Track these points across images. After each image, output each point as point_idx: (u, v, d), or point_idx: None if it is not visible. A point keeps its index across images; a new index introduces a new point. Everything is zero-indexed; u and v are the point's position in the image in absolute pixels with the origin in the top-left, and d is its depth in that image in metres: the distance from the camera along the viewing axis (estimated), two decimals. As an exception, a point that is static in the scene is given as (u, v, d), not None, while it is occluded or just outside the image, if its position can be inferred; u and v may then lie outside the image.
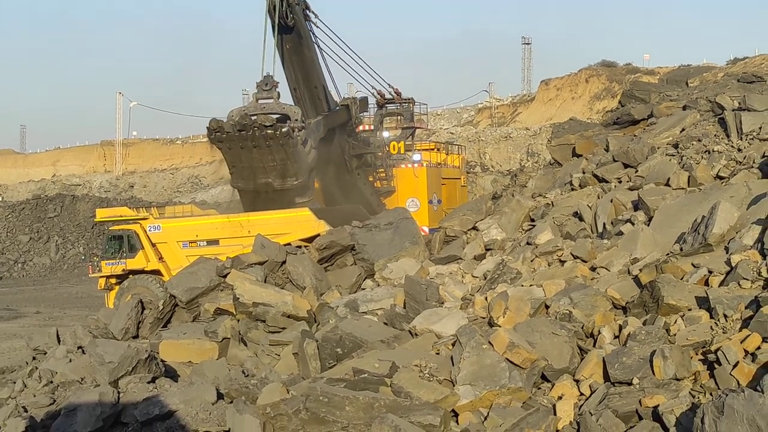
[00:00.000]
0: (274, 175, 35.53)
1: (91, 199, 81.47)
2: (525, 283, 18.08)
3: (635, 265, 16.73)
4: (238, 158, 35.40)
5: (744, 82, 29.16)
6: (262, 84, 36.14)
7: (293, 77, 39.60)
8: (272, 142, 34.31)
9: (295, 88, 39.80)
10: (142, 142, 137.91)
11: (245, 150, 34.81)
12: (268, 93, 36.11)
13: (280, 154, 34.70)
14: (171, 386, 16.40)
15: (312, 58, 40.26)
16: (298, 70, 39.47)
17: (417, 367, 14.20)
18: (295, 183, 35.73)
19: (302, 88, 39.90)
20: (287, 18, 37.30)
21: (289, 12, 37.52)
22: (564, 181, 25.51)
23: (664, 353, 12.47)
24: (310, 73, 40.13)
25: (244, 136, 34.32)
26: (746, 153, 20.17)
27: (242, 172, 35.89)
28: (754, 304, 13.10)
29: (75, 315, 40.85)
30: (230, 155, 35.55)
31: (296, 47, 38.90)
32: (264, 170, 35.40)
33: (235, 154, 35.31)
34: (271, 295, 22.02)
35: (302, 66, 39.57)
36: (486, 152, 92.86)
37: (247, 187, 36.80)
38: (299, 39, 38.82)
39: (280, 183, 35.58)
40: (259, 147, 34.56)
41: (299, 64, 39.40)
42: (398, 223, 27.76)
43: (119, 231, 37.91)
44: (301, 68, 39.57)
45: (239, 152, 35.07)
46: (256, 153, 34.79)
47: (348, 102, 44.60)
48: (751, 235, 15.27)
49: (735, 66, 72.68)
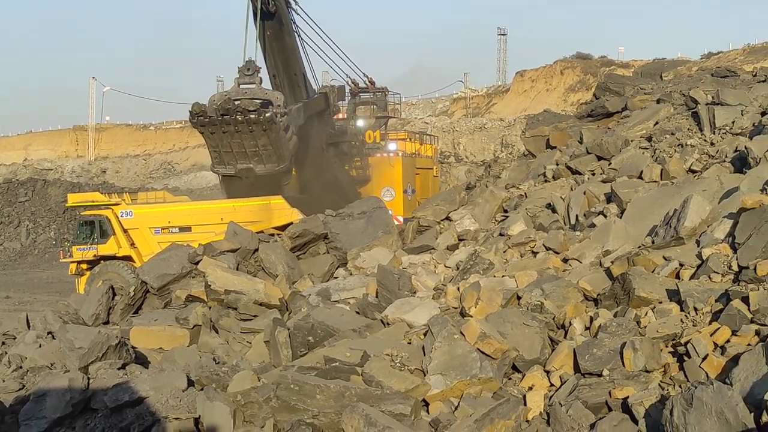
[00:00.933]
0: (255, 161, 35.40)
1: (62, 184, 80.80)
2: (497, 273, 18.11)
3: (607, 258, 16.80)
4: (220, 143, 35.24)
5: (718, 76, 29.30)
6: (244, 69, 35.96)
7: (273, 64, 39.45)
8: (255, 128, 34.19)
9: (274, 74, 39.65)
10: (115, 128, 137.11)
11: (227, 135, 34.67)
12: (250, 78, 35.94)
13: (262, 139, 34.58)
14: (141, 373, 16.35)
15: (293, 45, 40.16)
16: (278, 56, 39.34)
17: (388, 356, 14.19)
18: (276, 169, 35.62)
19: (282, 75, 39.77)
20: (269, 4, 37.17)
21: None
22: (537, 173, 25.59)
23: (635, 345, 12.53)
24: (290, 60, 40.02)
25: (227, 121, 34.17)
26: (719, 147, 20.27)
27: (223, 157, 35.73)
28: (724, 297, 13.18)
29: (45, 300, 40.55)
30: (212, 140, 35.38)
31: (277, 34, 38.76)
32: (245, 155, 35.26)
33: (217, 139, 35.14)
34: (243, 282, 21.96)
35: (283, 53, 39.45)
36: (460, 143, 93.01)
37: (227, 173, 36.63)
38: (280, 26, 38.70)
39: (262, 168, 35.46)
40: (241, 132, 34.44)
41: (280, 50, 39.28)
42: (372, 212, 27.78)
43: (91, 216, 37.71)
44: (282, 55, 39.45)
45: (221, 137, 34.91)
46: (238, 138, 34.66)
47: (326, 90, 44.56)
48: (723, 229, 15.35)
49: (709, 60, 73.21)
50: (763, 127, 19.95)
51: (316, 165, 41.44)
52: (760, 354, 10.88)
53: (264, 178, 35.86)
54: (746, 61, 66.46)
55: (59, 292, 42.73)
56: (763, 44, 79.21)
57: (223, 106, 34.05)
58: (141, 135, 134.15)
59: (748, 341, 11.95)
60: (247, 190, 36.09)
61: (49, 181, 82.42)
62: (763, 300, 12.28)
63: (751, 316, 12.27)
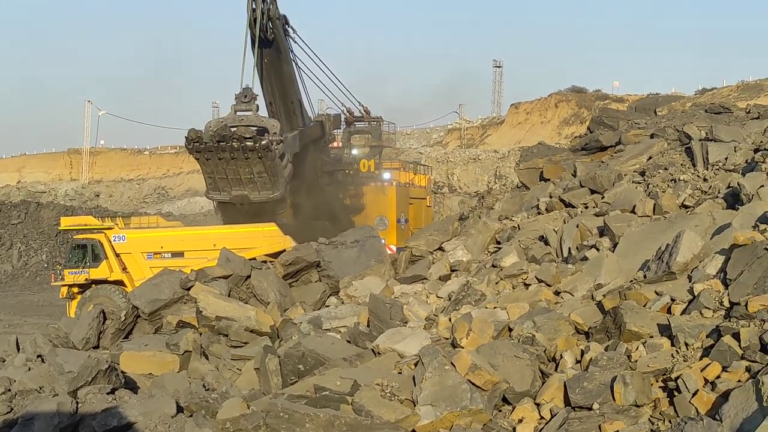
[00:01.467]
0: (250, 188, 35.41)
1: (56, 207, 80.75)
2: (489, 305, 18.12)
3: (599, 291, 16.81)
4: (215, 169, 35.24)
5: (711, 112, 29.45)
6: (241, 96, 36.01)
7: (270, 91, 39.53)
8: (251, 155, 34.21)
9: (271, 102, 39.72)
10: (110, 152, 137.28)
11: (223, 161, 34.70)
12: (247, 105, 36.00)
13: (258, 166, 34.60)
14: (130, 398, 16.27)
15: (290, 72, 40.27)
16: (275, 84, 39.43)
17: (379, 385, 14.16)
18: (271, 196, 35.62)
19: (278, 103, 39.84)
20: (267, 32, 37.30)
21: (270, 26, 37.53)
22: (531, 205, 25.64)
23: (625, 379, 12.52)
24: (287, 88, 40.12)
25: (223, 147, 34.19)
26: (712, 183, 20.35)
27: (218, 183, 35.74)
28: (715, 333, 13.19)
29: (36, 323, 40.46)
30: (207, 166, 35.39)
31: (275, 61, 38.88)
32: (240, 182, 35.27)
33: (212, 165, 35.15)
34: (235, 309, 21.94)
35: (280, 80, 39.55)
36: (454, 173, 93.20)
37: (222, 199, 36.63)
38: (278, 53, 38.82)
39: (257, 196, 35.46)
40: (237, 159, 34.45)
41: (277, 78, 39.37)
42: (364, 241, 27.77)
43: (83, 240, 37.68)
44: (279, 82, 39.54)
45: (216, 163, 34.93)
46: (233, 165, 34.68)
47: (322, 118, 44.67)
48: (714, 265, 15.38)
49: (703, 96, 73.57)
50: (755, 164, 20.02)
51: (311, 193, 41.50)
52: (750, 390, 10.88)
53: (259, 205, 35.87)
54: (740, 98, 66.82)
55: (50, 316, 42.64)
56: (757, 81, 79.68)
57: (219, 132, 34.08)
58: (135, 159, 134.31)
59: (738, 377, 11.94)
60: (242, 217, 36.08)
61: (43, 204, 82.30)
62: (754, 336, 12.29)
63: (741, 352, 12.27)
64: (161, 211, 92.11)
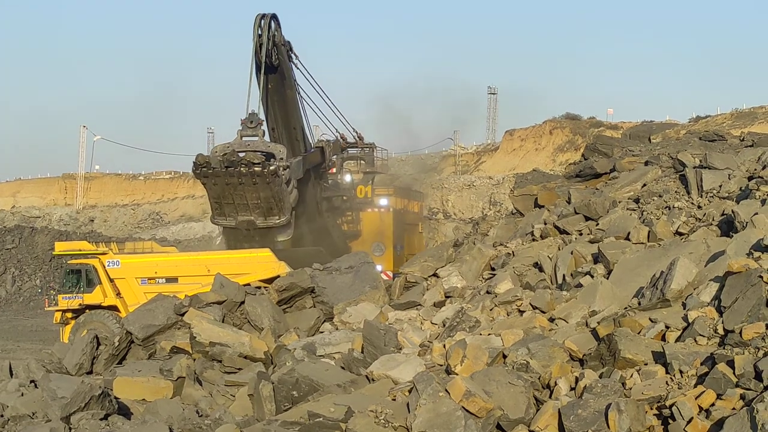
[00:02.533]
0: (257, 213, 35.48)
1: (50, 232, 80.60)
2: (483, 331, 18.11)
3: (593, 318, 16.82)
4: (222, 194, 35.33)
5: (705, 140, 29.52)
6: (247, 121, 36.15)
7: (273, 117, 39.73)
8: (259, 180, 34.29)
9: (273, 127, 39.88)
10: (104, 177, 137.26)
11: (230, 186, 34.76)
12: (253, 131, 36.16)
13: (265, 192, 34.68)
14: (124, 424, 16.25)
15: (293, 98, 40.50)
16: (278, 109, 39.63)
17: (373, 412, 14.13)
18: (277, 221, 35.70)
19: (281, 128, 39.99)
20: (272, 58, 37.48)
21: (275, 52, 37.71)
22: (525, 231, 25.65)
23: (620, 407, 12.50)
24: (290, 113, 40.29)
25: (231, 173, 34.29)
26: (706, 210, 20.39)
27: (224, 208, 35.81)
28: (709, 360, 13.19)
29: (29, 348, 40.27)
30: (213, 191, 35.46)
31: (279, 87, 39.10)
32: (247, 207, 35.35)
33: (219, 190, 35.23)
34: (229, 335, 21.91)
35: (283, 106, 39.74)
36: (449, 199, 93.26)
37: (228, 224, 36.69)
38: (282, 79, 39.04)
39: (263, 221, 35.54)
40: (244, 184, 34.53)
41: (280, 104, 39.56)
42: (359, 267, 27.74)
43: (77, 265, 37.65)
44: (282, 108, 39.73)
45: (223, 188, 35.01)
46: (240, 190, 34.77)
47: (323, 144, 44.84)
48: (709, 292, 15.40)
49: (697, 124, 73.79)
50: (750, 192, 20.07)
51: (310, 219, 41.55)
52: (744, 418, 10.88)
53: (264, 231, 35.89)
54: (734, 126, 67.10)
55: (43, 341, 42.48)
56: (751, 109, 79.96)
57: (227, 158, 34.17)
58: (130, 185, 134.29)
59: (732, 405, 11.94)
60: (247, 243, 36.11)
61: (37, 229, 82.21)
62: (748, 364, 12.29)
63: (736, 380, 12.27)
64: (155, 236, 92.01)
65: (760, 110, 78.68)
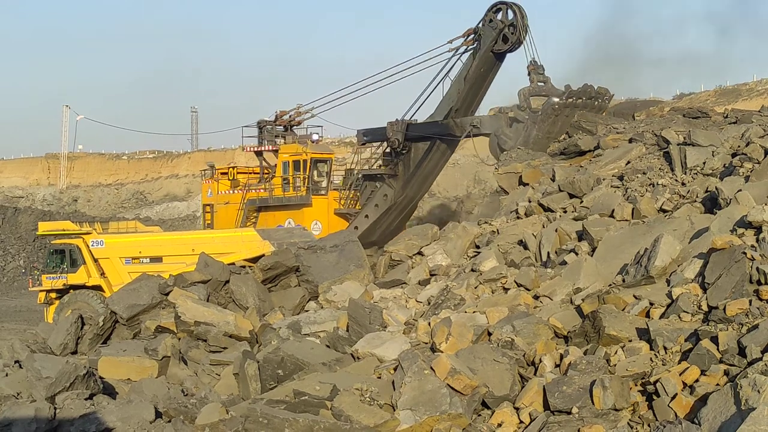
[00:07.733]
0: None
1: (33, 212, 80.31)
2: (468, 309, 18.13)
3: (578, 295, 16.86)
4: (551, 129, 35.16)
5: (689, 117, 29.56)
6: (540, 68, 36.79)
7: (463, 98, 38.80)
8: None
9: (457, 108, 38.95)
10: (88, 156, 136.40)
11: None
12: (543, 76, 36.81)
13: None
14: (109, 403, 16.20)
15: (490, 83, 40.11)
16: (473, 90, 38.81)
17: (358, 390, 14.16)
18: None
19: (462, 109, 39.08)
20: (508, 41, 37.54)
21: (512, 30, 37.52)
22: (510, 209, 25.69)
23: (604, 383, 12.55)
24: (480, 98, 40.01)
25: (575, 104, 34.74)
26: (690, 187, 20.43)
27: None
28: (693, 336, 13.25)
29: (13, 329, 40.11)
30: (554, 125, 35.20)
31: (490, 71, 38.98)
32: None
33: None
34: (213, 314, 21.89)
35: (480, 86, 39.06)
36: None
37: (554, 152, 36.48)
38: (496, 60, 38.61)
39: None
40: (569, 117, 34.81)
41: (478, 85, 38.82)
42: (344, 245, 27.71)
43: (61, 245, 37.43)
44: (476, 88, 38.98)
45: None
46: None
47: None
48: (693, 269, 15.45)
49: (681, 101, 73.72)
50: (733, 168, 20.13)
51: None
52: (728, 394, 10.93)
53: None
54: (718, 103, 67.08)
55: (27, 321, 42.36)
56: (734, 86, 80.00)
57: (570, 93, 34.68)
58: (113, 164, 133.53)
59: (716, 381, 12.00)
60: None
61: (20, 209, 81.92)
62: (732, 340, 12.35)
63: (719, 356, 12.33)
64: (139, 215, 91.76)
65: (743, 87, 78.74)
